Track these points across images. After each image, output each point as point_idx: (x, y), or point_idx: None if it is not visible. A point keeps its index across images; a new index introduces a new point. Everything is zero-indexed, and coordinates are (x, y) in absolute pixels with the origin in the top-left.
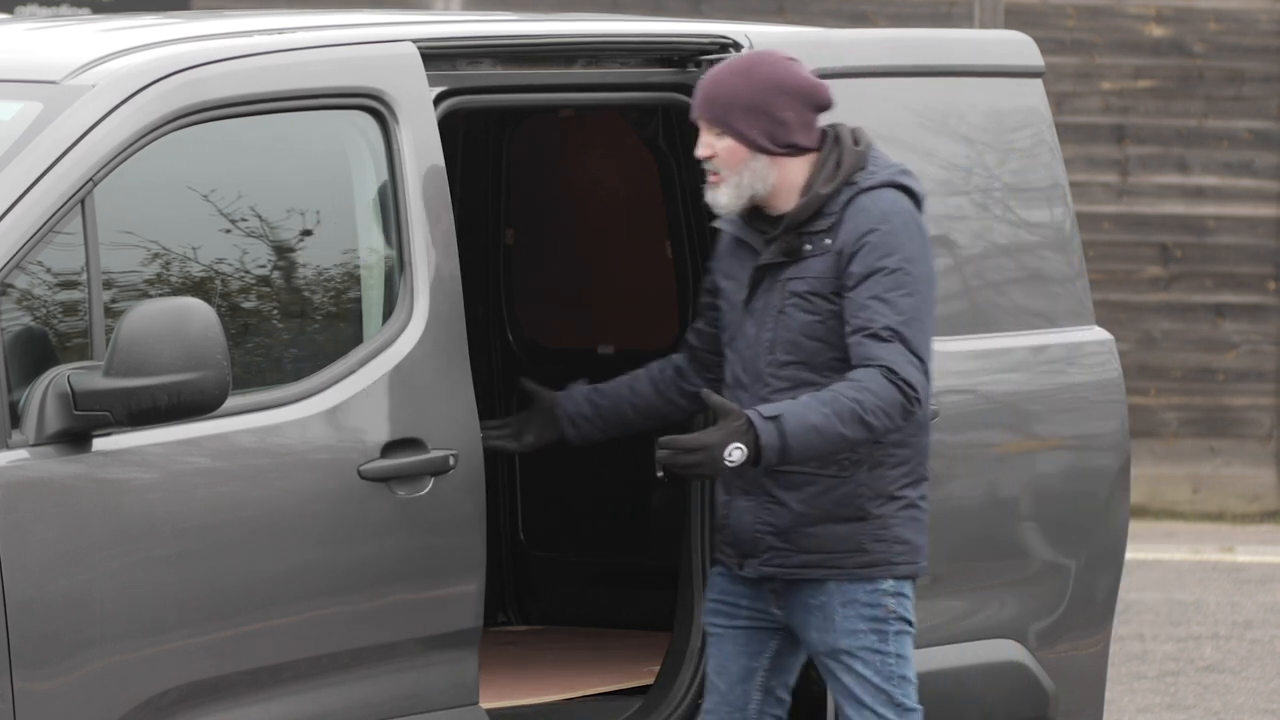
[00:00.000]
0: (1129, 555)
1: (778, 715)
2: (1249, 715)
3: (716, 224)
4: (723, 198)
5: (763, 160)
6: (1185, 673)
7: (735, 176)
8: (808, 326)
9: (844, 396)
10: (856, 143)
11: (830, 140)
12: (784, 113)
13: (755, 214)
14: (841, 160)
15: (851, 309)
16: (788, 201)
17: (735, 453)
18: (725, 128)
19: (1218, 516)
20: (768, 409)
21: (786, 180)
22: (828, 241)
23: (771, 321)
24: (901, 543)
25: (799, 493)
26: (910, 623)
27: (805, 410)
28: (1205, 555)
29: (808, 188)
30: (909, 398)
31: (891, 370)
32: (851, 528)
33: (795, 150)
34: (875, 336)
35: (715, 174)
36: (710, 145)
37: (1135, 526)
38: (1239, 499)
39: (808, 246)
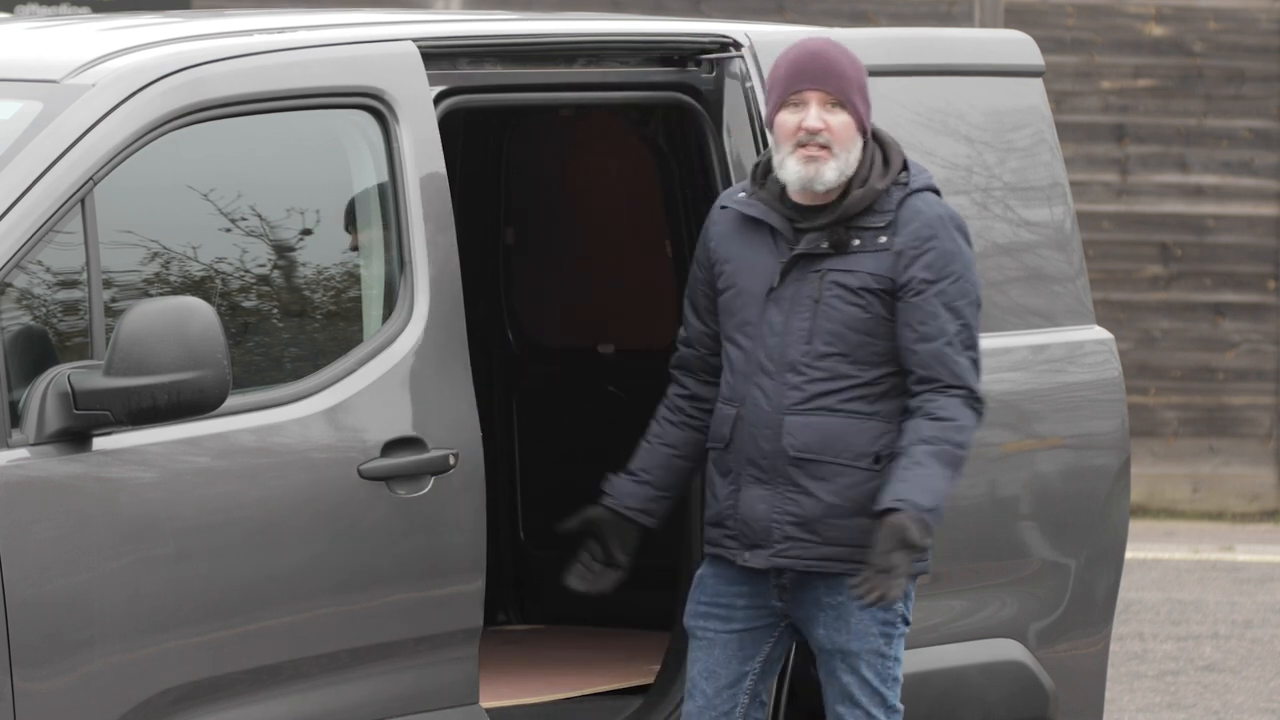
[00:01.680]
0: (1129, 555)
1: (758, 718)
2: (1249, 715)
3: (727, 203)
4: (830, 174)
5: (859, 142)
6: (1185, 672)
7: (844, 154)
8: (855, 320)
9: (958, 448)
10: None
11: (868, 135)
12: (869, 97)
13: (779, 199)
14: (889, 158)
15: (917, 315)
16: (836, 191)
17: (917, 565)
18: (846, 102)
19: (1217, 516)
20: (921, 499)
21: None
22: (883, 240)
23: (807, 311)
24: None
25: (830, 484)
26: (909, 622)
27: (938, 481)
28: (1205, 555)
29: (862, 180)
30: (980, 413)
31: (970, 391)
32: (877, 522)
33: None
34: (950, 345)
35: (824, 148)
36: (823, 119)
37: (1135, 526)
38: (1239, 498)
39: (856, 241)
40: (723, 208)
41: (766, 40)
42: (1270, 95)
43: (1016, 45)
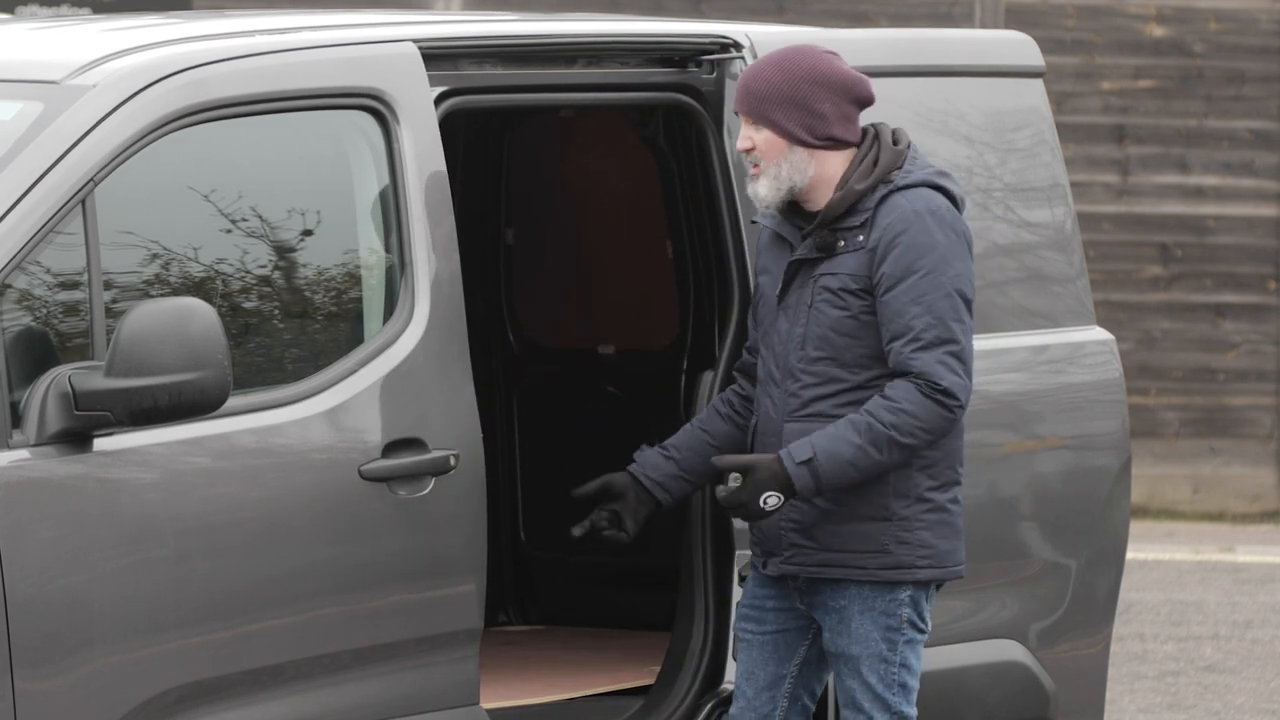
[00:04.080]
0: (1129, 555)
1: None
2: (1249, 715)
3: (757, 219)
4: (761, 189)
5: (800, 153)
6: (1185, 673)
7: (774, 168)
8: (838, 322)
9: (879, 424)
10: (896, 142)
11: (870, 138)
12: (821, 105)
13: (793, 209)
14: (879, 158)
15: (887, 314)
16: (824, 196)
17: (770, 500)
18: (762, 119)
19: (1218, 516)
20: (799, 450)
21: (824, 174)
22: (861, 238)
23: (804, 317)
24: (925, 546)
25: None
26: (923, 629)
27: (838, 445)
28: (1205, 555)
29: (844, 183)
30: (948, 407)
31: (930, 382)
32: (875, 527)
33: (834, 144)
34: (914, 342)
35: (755, 166)
36: (749, 138)
37: (1135, 526)
38: (1239, 499)
39: (841, 243)
40: (752, 222)
41: (766, 41)
42: (1271, 96)
43: (1017, 46)
